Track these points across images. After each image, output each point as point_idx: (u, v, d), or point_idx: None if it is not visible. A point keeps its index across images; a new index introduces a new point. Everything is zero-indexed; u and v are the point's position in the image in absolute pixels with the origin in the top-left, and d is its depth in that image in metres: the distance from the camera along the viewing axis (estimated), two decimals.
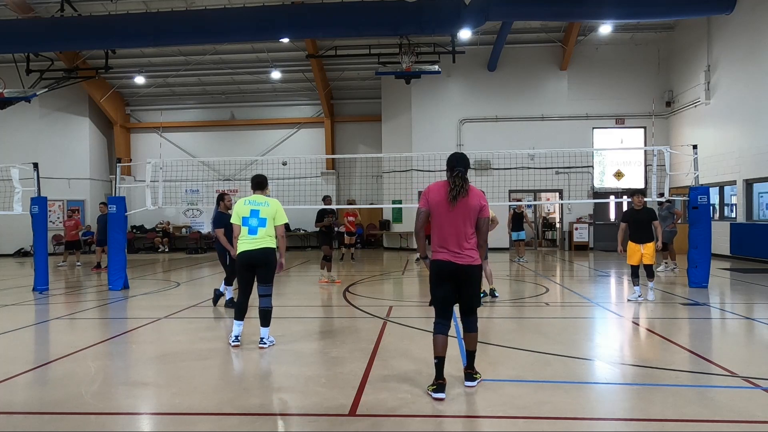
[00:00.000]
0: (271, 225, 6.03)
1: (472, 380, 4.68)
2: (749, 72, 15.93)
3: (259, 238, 5.99)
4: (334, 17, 15.01)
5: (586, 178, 21.04)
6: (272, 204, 6.06)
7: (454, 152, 4.79)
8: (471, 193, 4.50)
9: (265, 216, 6.00)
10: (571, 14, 16.25)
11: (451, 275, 4.51)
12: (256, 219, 5.99)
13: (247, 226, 6.01)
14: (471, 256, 4.50)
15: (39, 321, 8.23)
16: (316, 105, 25.02)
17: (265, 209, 6.02)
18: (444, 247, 4.50)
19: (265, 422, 4.04)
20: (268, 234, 6.02)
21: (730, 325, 7.73)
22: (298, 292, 11.08)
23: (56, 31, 15.81)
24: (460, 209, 4.46)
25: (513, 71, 21.50)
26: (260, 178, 6.31)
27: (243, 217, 6.03)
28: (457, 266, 4.47)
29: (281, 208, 6.12)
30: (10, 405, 4.41)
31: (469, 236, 4.51)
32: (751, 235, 15.72)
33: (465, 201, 4.47)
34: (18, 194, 11.47)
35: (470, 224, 4.52)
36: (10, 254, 22.34)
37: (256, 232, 5.98)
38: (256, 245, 5.98)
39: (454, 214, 4.47)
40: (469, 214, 4.50)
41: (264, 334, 6.06)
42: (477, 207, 4.52)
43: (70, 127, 24.03)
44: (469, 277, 4.53)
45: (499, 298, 9.33)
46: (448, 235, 4.49)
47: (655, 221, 8.90)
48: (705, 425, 3.83)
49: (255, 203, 6.05)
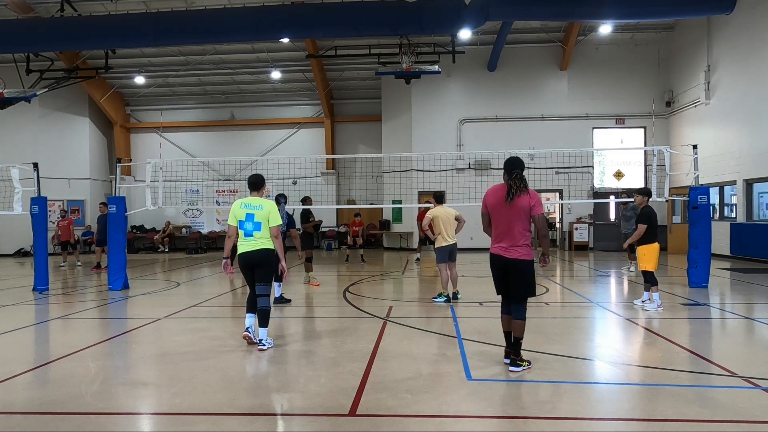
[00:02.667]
0: (266, 227, 6.08)
1: (516, 366, 5.02)
2: (749, 72, 15.93)
3: (256, 240, 6.08)
4: (334, 17, 15.01)
5: (586, 178, 21.05)
6: (266, 206, 6.12)
7: (511, 156, 5.16)
8: (525, 194, 4.96)
9: (260, 219, 6.07)
10: (571, 14, 16.25)
11: (502, 267, 5.09)
12: (251, 223, 6.07)
13: (243, 229, 6.10)
14: (519, 251, 4.98)
15: (39, 321, 8.23)
16: (316, 105, 25.01)
17: (259, 212, 6.08)
18: (498, 242, 5.09)
19: (265, 422, 4.04)
20: (264, 236, 6.09)
21: (730, 325, 7.73)
22: (298, 292, 11.08)
23: (56, 31, 15.81)
24: (513, 209, 4.96)
25: (513, 71, 21.50)
26: (255, 178, 6.33)
27: (239, 220, 6.11)
28: (506, 260, 5.01)
29: (275, 209, 6.16)
30: (10, 405, 4.41)
31: (519, 233, 4.97)
32: (751, 235, 15.72)
33: (518, 201, 4.94)
34: (18, 194, 11.46)
35: (521, 222, 4.97)
36: (10, 254, 22.34)
37: (252, 234, 6.08)
38: (253, 247, 6.08)
39: (508, 213, 4.98)
40: (520, 213, 4.96)
41: (263, 335, 6.07)
42: (527, 206, 4.95)
43: (70, 127, 24.03)
44: (516, 269, 5.01)
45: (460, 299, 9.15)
46: (501, 232, 5.05)
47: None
48: (705, 425, 3.83)
49: (250, 206, 6.11)
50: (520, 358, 5.06)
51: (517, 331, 5.08)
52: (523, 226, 4.97)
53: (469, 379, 4.86)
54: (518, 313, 5.09)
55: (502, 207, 4.99)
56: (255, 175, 6.36)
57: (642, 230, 8.10)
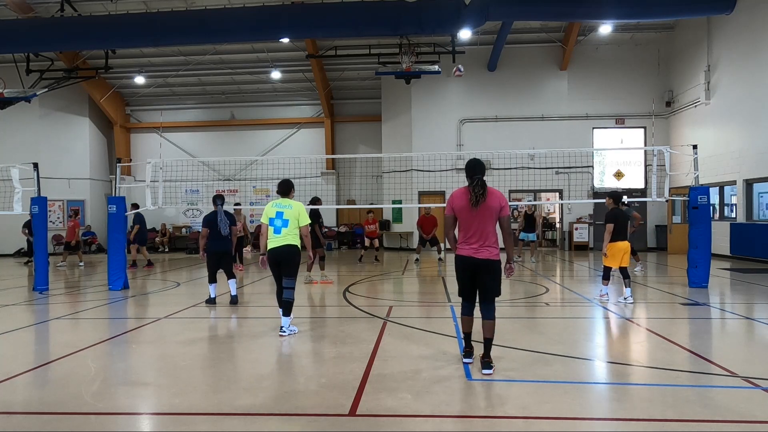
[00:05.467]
0: (294, 225, 6.72)
1: (489, 368, 4.96)
2: (749, 72, 15.93)
3: (283, 237, 6.69)
4: (334, 17, 15.00)
5: (586, 178, 21.05)
6: (295, 207, 6.78)
7: (471, 159, 5.22)
8: (491, 196, 5.04)
9: (288, 217, 6.70)
10: (571, 14, 16.24)
11: (473, 268, 5.08)
12: (280, 220, 6.72)
13: (273, 225, 6.73)
14: (490, 251, 5.05)
15: (39, 321, 8.22)
16: (316, 105, 25.01)
17: (288, 211, 6.73)
18: (467, 244, 5.08)
19: (265, 422, 4.04)
20: (291, 233, 6.70)
21: (730, 325, 7.73)
22: (298, 291, 11.06)
23: (56, 31, 15.80)
24: (481, 211, 5.01)
25: (513, 71, 21.50)
26: (284, 184, 6.95)
27: (270, 218, 6.75)
28: (477, 260, 5.04)
29: (304, 209, 6.84)
30: (10, 405, 4.41)
31: (491, 232, 5.06)
32: (751, 235, 15.72)
33: (485, 204, 5.00)
34: (18, 194, 11.46)
35: (491, 222, 5.06)
36: (10, 254, 22.34)
37: (280, 231, 6.70)
38: (279, 242, 6.69)
39: (477, 215, 5.02)
40: (492, 214, 5.04)
41: (284, 323, 6.69)
42: (497, 207, 5.04)
43: (70, 127, 24.03)
44: (487, 269, 5.05)
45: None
46: (471, 233, 5.06)
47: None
48: (705, 425, 3.83)
49: (280, 206, 6.78)
50: (491, 359, 5.03)
51: (489, 331, 5.09)
52: (492, 226, 5.07)
53: (469, 379, 4.86)
54: (490, 313, 5.10)
55: (472, 210, 5.01)
56: (284, 181, 6.96)
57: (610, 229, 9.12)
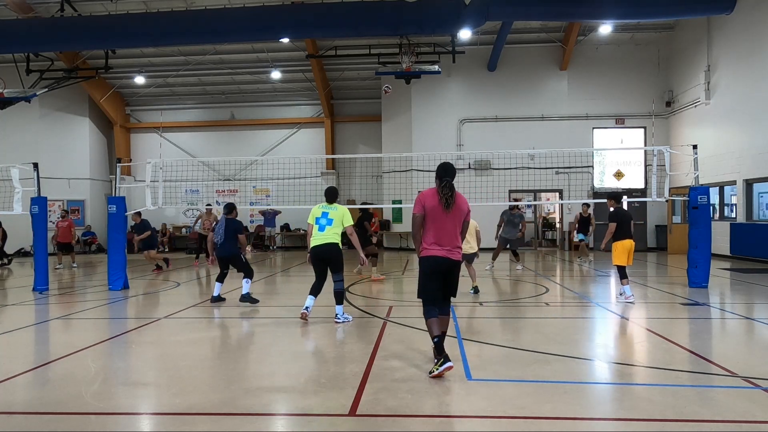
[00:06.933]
0: (338, 225, 7.38)
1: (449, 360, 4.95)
2: (749, 72, 15.93)
3: (325, 234, 7.32)
4: (334, 17, 15.00)
5: (586, 178, 21.05)
6: (340, 209, 7.48)
7: (443, 162, 5.26)
8: (459, 200, 5.16)
9: (333, 217, 7.38)
10: (571, 14, 16.24)
11: (446, 269, 5.13)
12: (324, 219, 7.40)
13: (318, 224, 7.39)
14: (458, 253, 5.17)
15: (39, 321, 8.22)
16: (316, 105, 25.01)
17: (333, 212, 7.43)
18: (439, 245, 5.08)
19: (265, 422, 4.04)
20: (334, 232, 7.35)
21: (730, 325, 7.73)
22: (298, 291, 11.07)
23: (56, 31, 15.80)
24: (453, 213, 5.10)
25: (513, 71, 21.50)
26: (331, 191, 7.58)
27: (316, 217, 7.43)
28: (451, 261, 5.11)
29: (347, 212, 7.49)
30: (10, 405, 4.41)
31: (459, 234, 5.20)
32: (751, 235, 15.72)
33: (456, 206, 5.11)
34: (18, 194, 11.46)
35: (460, 224, 5.20)
36: (10, 254, 22.28)
37: (324, 229, 7.34)
38: (322, 241, 7.32)
39: (449, 217, 5.09)
40: (460, 217, 5.18)
41: (338, 311, 7.39)
42: (466, 211, 5.22)
43: (70, 127, 24.03)
44: (456, 269, 5.22)
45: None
46: (442, 234, 5.09)
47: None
48: (705, 425, 3.83)
49: (326, 207, 7.50)
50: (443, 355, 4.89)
51: (446, 325, 5.25)
52: (460, 228, 5.21)
53: (469, 379, 4.86)
54: (448, 309, 5.30)
55: (444, 211, 5.04)
56: (330, 189, 7.61)
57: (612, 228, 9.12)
